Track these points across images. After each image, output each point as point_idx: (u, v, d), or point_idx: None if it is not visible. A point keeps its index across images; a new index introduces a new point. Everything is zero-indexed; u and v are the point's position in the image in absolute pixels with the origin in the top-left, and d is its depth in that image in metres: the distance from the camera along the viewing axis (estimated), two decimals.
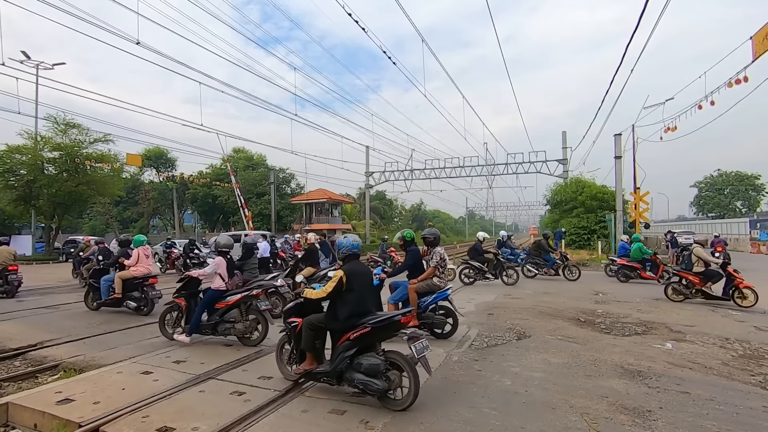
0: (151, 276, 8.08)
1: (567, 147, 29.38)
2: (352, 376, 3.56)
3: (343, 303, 3.74)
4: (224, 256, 5.71)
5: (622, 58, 11.27)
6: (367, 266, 4.45)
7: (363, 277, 3.92)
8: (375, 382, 3.42)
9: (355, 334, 3.61)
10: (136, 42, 13.20)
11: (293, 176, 44.12)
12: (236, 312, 5.52)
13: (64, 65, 33.08)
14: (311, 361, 3.89)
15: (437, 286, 5.92)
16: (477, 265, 11.73)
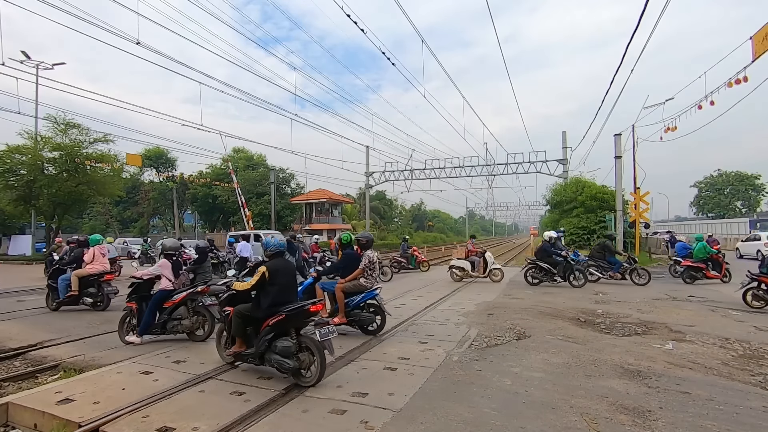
0: (106, 273, 8.42)
1: (567, 147, 29.37)
2: (270, 356, 4.13)
3: (265, 294, 4.29)
4: (170, 258, 5.96)
5: (622, 58, 11.27)
6: (291, 262, 5.02)
7: (285, 271, 4.46)
8: (287, 362, 3.99)
9: (272, 321, 4.16)
10: (136, 42, 13.20)
11: (293, 176, 44.18)
12: (183, 309, 5.77)
13: (64, 65, 33.09)
14: (240, 344, 4.45)
15: (364, 287, 6.18)
16: (545, 266, 11.47)
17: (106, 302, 8.32)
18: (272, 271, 4.30)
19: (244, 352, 4.40)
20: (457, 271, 12.95)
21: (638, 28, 8.57)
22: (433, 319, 7.26)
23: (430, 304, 8.88)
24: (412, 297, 9.94)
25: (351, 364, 4.72)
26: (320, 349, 4.02)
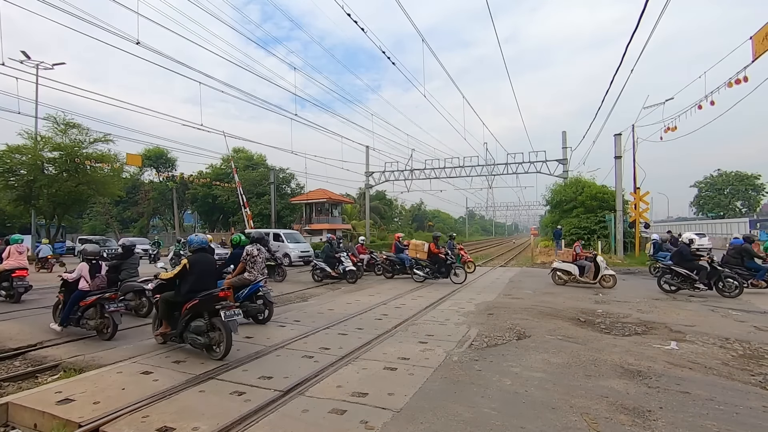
0: (19, 269, 9.25)
1: (567, 147, 29.36)
2: (187, 335, 5.01)
3: (185, 282, 5.10)
4: (89, 262, 6.52)
5: (622, 58, 11.27)
6: (210, 257, 5.82)
7: (204, 264, 5.32)
8: (200, 339, 4.91)
9: (189, 305, 4.98)
10: (136, 42, 13.20)
11: (293, 176, 44.20)
12: (92, 311, 6.31)
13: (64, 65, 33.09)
14: (166, 326, 5.31)
15: (248, 280, 6.83)
16: (683, 272, 10.55)
17: (17, 296, 9.29)
18: (192, 262, 5.17)
19: (169, 332, 5.25)
20: (561, 275, 12.15)
21: (638, 28, 8.58)
22: (433, 319, 7.26)
23: (430, 304, 8.88)
24: (412, 297, 9.95)
25: (351, 364, 4.72)
26: (227, 328, 4.80)
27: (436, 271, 12.61)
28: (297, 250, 20.73)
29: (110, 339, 6.10)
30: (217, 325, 4.88)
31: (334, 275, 13.11)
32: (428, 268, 12.67)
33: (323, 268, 13.31)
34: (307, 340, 5.78)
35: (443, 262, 12.55)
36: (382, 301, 9.29)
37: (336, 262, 13.18)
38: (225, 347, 4.81)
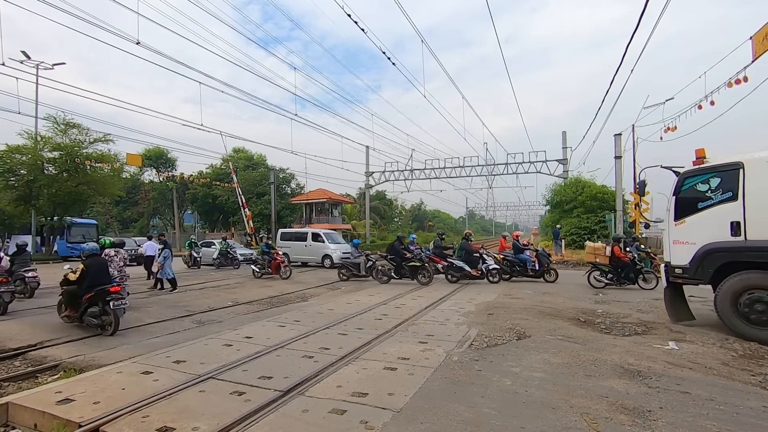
0: None
1: (567, 147, 29.35)
2: (85, 318, 6.75)
3: (85, 280, 6.77)
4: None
5: (622, 58, 11.27)
6: (103, 260, 7.45)
7: (98, 266, 7.01)
8: (94, 321, 6.62)
9: (87, 296, 6.69)
10: (137, 42, 13.20)
11: (293, 176, 44.17)
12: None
13: (64, 65, 33.06)
14: (71, 310, 7.02)
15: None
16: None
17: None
18: (88, 266, 6.85)
19: (73, 315, 6.98)
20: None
21: (638, 28, 8.58)
22: (433, 319, 7.26)
23: (430, 304, 8.88)
24: (412, 297, 9.95)
25: (351, 364, 4.72)
26: (115, 314, 6.60)
27: (621, 276, 11.41)
28: (339, 251, 19.42)
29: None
30: (108, 311, 6.58)
31: (475, 275, 12.38)
32: (611, 273, 11.50)
33: (462, 268, 12.48)
34: (307, 340, 5.78)
35: (631, 267, 11.34)
36: (382, 301, 9.29)
37: (478, 261, 12.63)
38: (114, 327, 6.58)
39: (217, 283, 13.57)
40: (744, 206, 6.07)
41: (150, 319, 7.85)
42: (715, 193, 6.49)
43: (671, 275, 7.04)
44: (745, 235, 6.04)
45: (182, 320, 7.84)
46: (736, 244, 6.14)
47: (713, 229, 6.39)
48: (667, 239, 7.17)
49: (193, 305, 9.37)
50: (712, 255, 6.39)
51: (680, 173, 7.08)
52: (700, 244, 6.55)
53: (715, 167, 6.64)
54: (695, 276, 6.69)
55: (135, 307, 9.05)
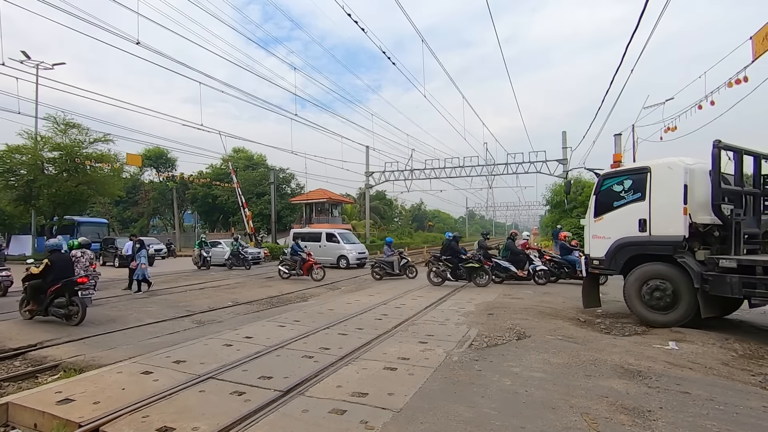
0: None
1: (567, 147, 29.34)
2: (51, 309, 7.19)
3: (50, 274, 7.19)
4: None
5: (622, 58, 11.26)
6: (66, 255, 7.83)
7: (62, 261, 7.46)
8: (61, 311, 7.10)
9: (53, 288, 7.13)
10: (136, 42, 13.19)
11: (293, 176, 44.16)
12: None
13: (64, 65, 33.05)
14: (33, 305, 7.33)
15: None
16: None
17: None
18: (52, 260, 7.27)
19: (36, 309, 7.30)
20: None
21: (638, 28, 8.56)
22: (433, 319, 7.26)
23: (430, 304, 8.88)
24: (412, 297, 9.95)
25: (351, 364, 4.72)
26: (83, 303, 7.13)
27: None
28: (354, 251, 19.19)
29: None
30: (75, 302, 7.11)
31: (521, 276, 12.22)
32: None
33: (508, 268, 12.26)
34: (307, 340, 5.78)
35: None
36: (382, 301, 9.29)
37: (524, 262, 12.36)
38: (80, 316, 7.07)
39: (217, 283, 13.57)
40: (650, 206, 6.82)
41: (150, 319, 7.85)
42: (627, 193, 7.21)
43: (590, 266, 7.78)
44: (650, 230, 6.82)
45: (182, 320, 7.84)
46: (642, 239, 6.91)
47: (625, 225, 7.11)
48: (587, 234, 7.88)
49: (193, 305, 9.37)
50: (623, 248, 7.13)
51: (600, 175, 7.85)
52: (614, 238, 7.25)
53: (628, 170, 7.47)
54: (609, 267, 7.41)
55: (134, 308, 9.05)
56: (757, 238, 7.05)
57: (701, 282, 6.13)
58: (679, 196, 6.46)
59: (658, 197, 6.75)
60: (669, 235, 6.57)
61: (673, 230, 6.53)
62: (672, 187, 6.56)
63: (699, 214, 6.53)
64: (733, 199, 6.70)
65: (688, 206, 6.43)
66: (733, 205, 6.60)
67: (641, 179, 7.02)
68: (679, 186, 6.48)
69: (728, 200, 6.59)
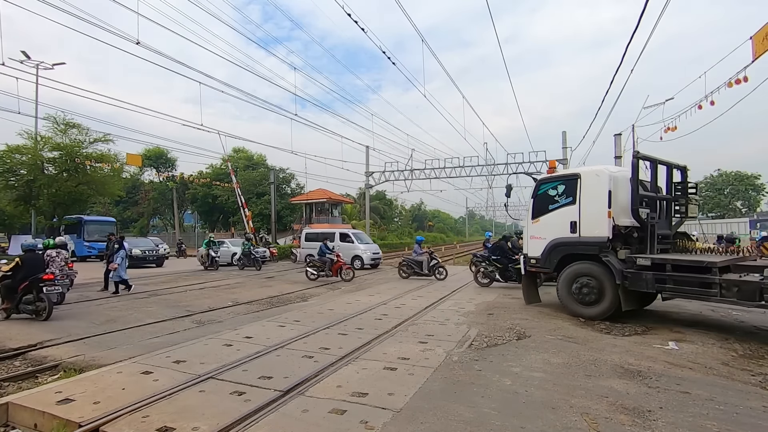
0: None
1: (567, 147, 29.33)
2: (20, 306, 7.48)
3: (19, 272, 7.56)
4: None
5: (622, 58, 11.26)
6: (39, 254, 8.34)
7: (33, 260, 7.88)
8: (29, 307, 7.45)
9: (22, 286, 7.45)
10: (136, 42, 13.19)
11: (293, 176, 44.12)
12: None
13: (64, 65, 33.04)
14: (7, 303, 7.61)
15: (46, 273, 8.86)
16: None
17: None
18: (23, 259, 7.69)
19: (9, 307, 7.56)
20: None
21: (638, 28, 8.56)
22: (433, 319, 7.26)
23: (430, 304, 8.88)
24: (412, 297, 9.95)
25: (351, 364, 4.72)
26: (49, 298, 7.48)
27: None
28: (369, 251, 18.95)
29: None
30: (42, 298, 7.43)
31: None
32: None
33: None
34: (307, 340, 5.78)
35: None
36: (382, 301, 9.29)
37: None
38: (47, 312, 7.41)
39: (217, 283, 13.58)
40: (579, 209, 7.39)
41: (150, 319, 7.85)
42: (561, 197, 7.76)
43: (528, 265, 8.27)
44: (579, 232, 7.38)
45: (182, 320, 7.84)
46: (573, 240, 7.48)
47: (558, 227, 7.66)
48: (526, 235, 8.43)
49: (193, 305, 9.37)
50: (557, 248, 7.68)
51: (537, 180, 8.39)
52: (549, 239, 7.79)
53: (561, 176, 8.07)
54: (545, 265, 7.91)
55: (134, 308, 9.06)
56: (668, 239, 7.81)
57: (622, 278, 6.70)
58: (604, 201, 7.04)
59: (586, 202, 7.32)
60: (595, 236, 7.13)
61: (598, 232, 7.10)
62: (598, 192, 7.15)
63: (621, 217, 7.10)
64: (649, 203, 7.32)
65: (612, 210, 6.99)
66: (649, 210, 7.20)
67: (572, 185, 7.58)
68: (605, 192, 7.06)
69: (645, 205, 7.18)
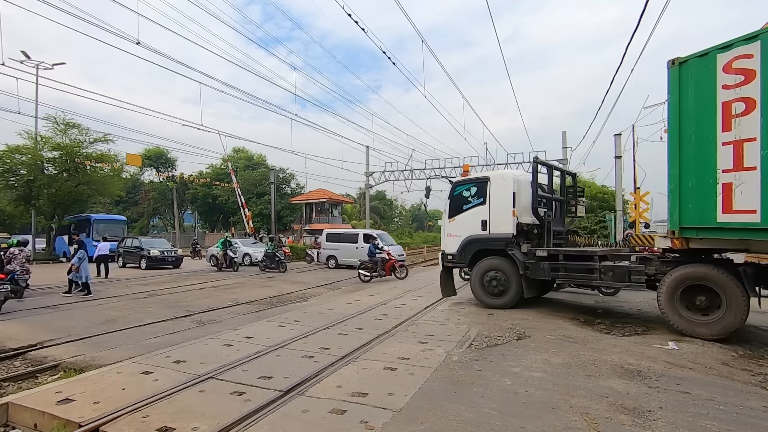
0: None
1: (567, 147, 29.33)
2: None
3: None
4: None
5: (622, 58, 11.29)
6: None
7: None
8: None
9: None
10: (136, 42, 13.19)
11: (293, 176, 44.16)
12: None
13: (64, 65, 33.06)
14: None
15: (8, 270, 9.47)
16: None
17: None
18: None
19: None
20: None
21: (638, 28, 8.58)
22: (433, 319, 7.26)
23: (430, 304, 8.88)
24: (412, 297, 9.95)
25: (351, 364, 4.72)
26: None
27: None
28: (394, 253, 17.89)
29: None
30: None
31: None
32: None
33: None
34: (307, 340, 5.78)
35: None
36: (382, 301, 9.29)
37: None
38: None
39: (217, 283, 13.58)
40: (489, 209, 8.24)
41: (150, 319, 7.85)
42: (473, 198, 8.52)
43: (445, 261, 8.97)
44: (489, 230, 8.21)
45: (182, 320, 7.84)
46: (484, 237, 8.27)
47: (472, 225, 8.43)
48: (443, 233, 9.07)
49: (193, 305, 9.37)
50: (470, 245, 8.42)
51: (453, 182, 9.20)
52: (464, 236, 8.52)
53: (473, 179, 8.86)
54: (460, 261, 8.65)
55: (134, 308, 9.06)
56: (562, 234, 8.89)
57: (524, 269, 7.66)
58: (510, 202, 7.95)
59: (495, 202, 8.18)
60: (503, 233, 8.00)
61: (505, 229, 7.98)
62: (505, 193, 8.04)
63: (524, 215, 8.07)
64: (547, 204, 8.43)
65: (516, 209, 7.93)
66: (546, 209, 8.31)
67: (483, 187, 8.39)
68: (510, 193, 7.97)
69: (543, 205, 8.23)
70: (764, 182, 4.97)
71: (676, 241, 6.02)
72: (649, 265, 6.55)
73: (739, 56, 5.17)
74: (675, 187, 5.83)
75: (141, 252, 19.54)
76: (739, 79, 5.17)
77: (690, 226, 5.76)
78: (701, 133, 5.52)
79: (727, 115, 5.26)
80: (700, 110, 5.53)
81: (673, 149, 5.85)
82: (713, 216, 5.42)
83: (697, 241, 5.85)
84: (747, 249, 5.79)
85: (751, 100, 5.06)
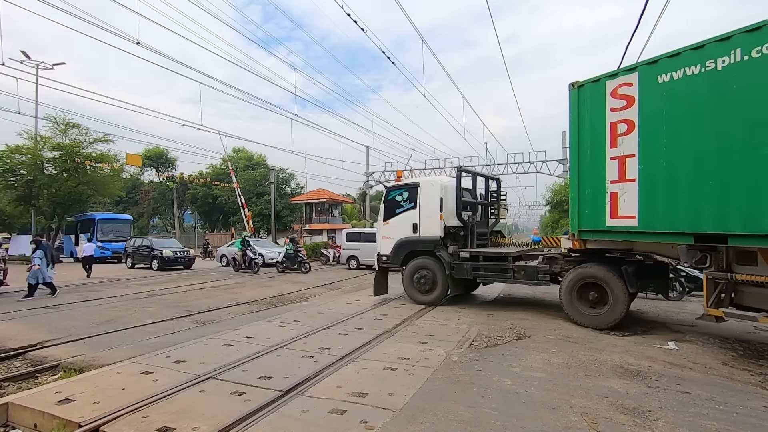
0: None
1: (567, 147, 29.36)
2: None
3: None
4: None
5: (622, 58, 11.27)
6: None
7: None
8: None
9: None
10: (137, 42, 13.19)
11: (293, 176, 44.15)
12: None
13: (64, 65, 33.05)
14: None
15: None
16: None
17: None
18: None
19: None
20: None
21: (638, 28, 8.58)
22: (433, 319, 7.26)
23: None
24: None
25: (351, 364, 4.72)
26: None
27: None
28: None
29: None
30: None
31: None
32: None
33: None
34: (307, 340, 5.78)
35: None
36: (382, 300, 9.29)
37: None
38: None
39: (217, 283, 13.58)
40: (419, 213, 8.73)
41: (150, 319, 7.85)
42: (405, 202, 8.98)
43: (380, 262, 9.41)
44: (419, 232, 8.72)
45: (182, 320, 7.84)
46: (415, 239, 8.79)
47: (404, 228, 8.92)
48: (378, 235, 9.55)
49: (193, 305, 9.37)
50: (402, 246, 8.94)
51: (387, 187, 9.64)
52: (397, 238, 9.01)
53: (405, 185, 9.31)
54: (393, 261, 9.09)
55: (134, 308, 9.06)
56: (485, 236, 9.51)
57: (450, 269, 8.20)
58: (437, 206, 8.44)
59: (424, 206, 8.65)
60: (431, 236, 8.50)
61: (433, 231, 8.49)
62: (433, 199, 8.52)
63: (450, 219, 8.52)
64: (472, 208, 9.10)
65: (443, 213, 8.41)
66: (470, 213, 8.98)
67: (414, 192, 8.86)
68: (437, 198, 8.47)
69: (468, 209, 8.83)
70: (641, 192, 5.71)
71: (576, 243, 6.68)
72: (554, 264, 7.27)
73: (623, 84, 5.92)
74: (575, 195, 6.57)
75: (152, 252, 19.09)
76: (623, 104, 5.92)
77: (587, 229, 6.46)
78: (594, 148, 6.27)
79: (614, 134, 6.04)
80: (594, 129, 6.28)
81: (573, 162, 6.61)
82: (603, 220, 6.15)
83: (593, 242, 6.58)
84: (631, 249, 6.47)
85: (631, 122, 5.83)
